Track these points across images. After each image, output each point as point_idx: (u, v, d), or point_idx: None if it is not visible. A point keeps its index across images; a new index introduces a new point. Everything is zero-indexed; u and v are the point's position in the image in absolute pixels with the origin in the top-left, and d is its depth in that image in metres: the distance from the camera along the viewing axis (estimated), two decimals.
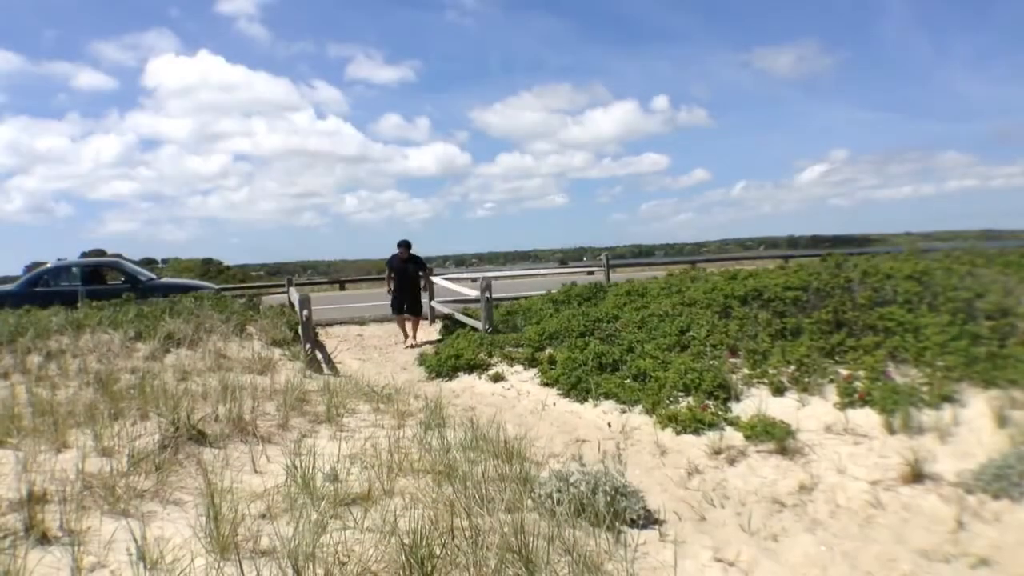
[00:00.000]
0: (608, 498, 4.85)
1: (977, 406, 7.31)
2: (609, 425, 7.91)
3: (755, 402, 7.85)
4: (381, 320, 16.05)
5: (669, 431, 7.50)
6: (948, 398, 7.47)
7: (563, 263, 38.75)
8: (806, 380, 8.16)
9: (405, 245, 14.40)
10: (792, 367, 8.48)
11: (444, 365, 11.18)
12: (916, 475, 6.01)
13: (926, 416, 7.16)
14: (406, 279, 14.31)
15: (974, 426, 6.95)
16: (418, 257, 14.88)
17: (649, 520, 5.02)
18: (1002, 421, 6.87)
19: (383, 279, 16.46)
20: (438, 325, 15.58)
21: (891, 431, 6.98)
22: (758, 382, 8.41)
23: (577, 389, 9.09)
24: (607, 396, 8.73)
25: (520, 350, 11.19)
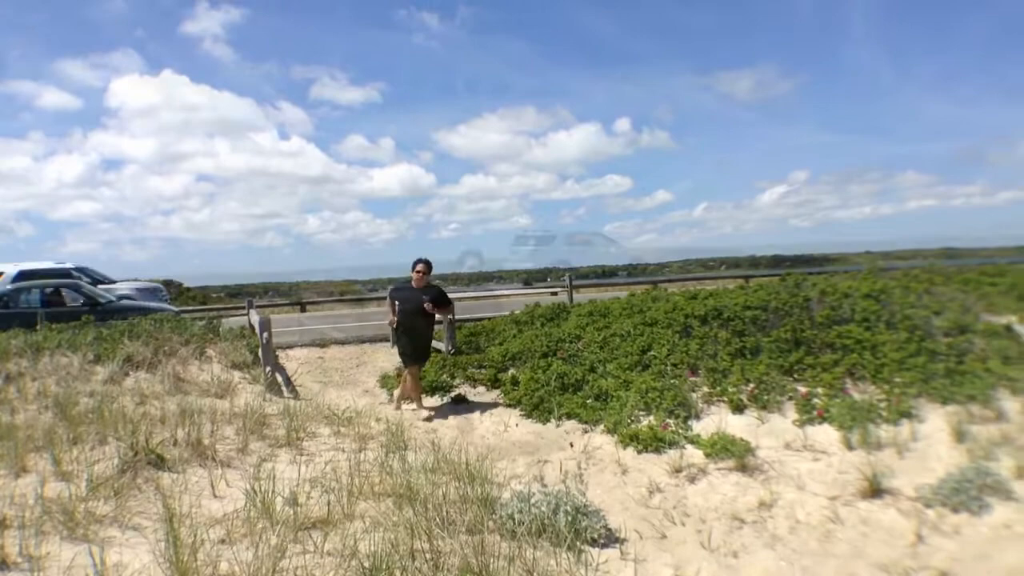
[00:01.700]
0: (569, 518, 4.85)
1: (935, 422, 7.41)
2: (571, 445, 7.92)
3: (715, 420, 7.90)
4: (343, 342, 15.95)
5: (630, 450, 7.52)
6: (906, 414, 7.57)
7: (527, 283, 38.71)
8: (765, 398, 8.23)
9: (425, 266, 10.05)
10: (751, 385, 8.54)
11: None
12: (875, 490, 6.07)
13: (884, 432, 7.25)
14: (417, 316, 9.96)
15: (932, 441, 7.04)
16: (435, 286, 10.45)
17: (610, 539, 5.03)
18: (960, 436, 6.96)
19: (346, 300, 15.92)
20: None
21: (850, 447, 7.05)
22: (718, 400, 8.47)
23: (539, 410, 9.10)
24: (569, 416, 8.75)
25: (483, 371, 11.18)
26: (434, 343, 13.51)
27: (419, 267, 10.00)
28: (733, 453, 6.95)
